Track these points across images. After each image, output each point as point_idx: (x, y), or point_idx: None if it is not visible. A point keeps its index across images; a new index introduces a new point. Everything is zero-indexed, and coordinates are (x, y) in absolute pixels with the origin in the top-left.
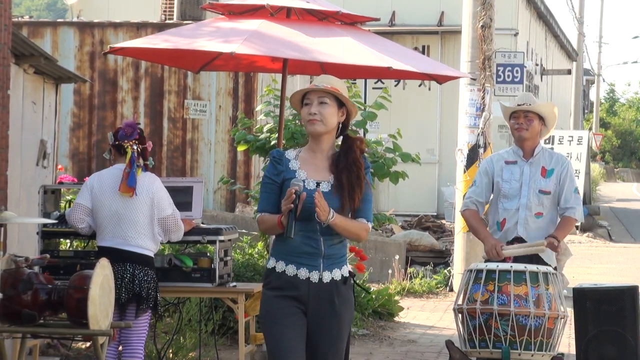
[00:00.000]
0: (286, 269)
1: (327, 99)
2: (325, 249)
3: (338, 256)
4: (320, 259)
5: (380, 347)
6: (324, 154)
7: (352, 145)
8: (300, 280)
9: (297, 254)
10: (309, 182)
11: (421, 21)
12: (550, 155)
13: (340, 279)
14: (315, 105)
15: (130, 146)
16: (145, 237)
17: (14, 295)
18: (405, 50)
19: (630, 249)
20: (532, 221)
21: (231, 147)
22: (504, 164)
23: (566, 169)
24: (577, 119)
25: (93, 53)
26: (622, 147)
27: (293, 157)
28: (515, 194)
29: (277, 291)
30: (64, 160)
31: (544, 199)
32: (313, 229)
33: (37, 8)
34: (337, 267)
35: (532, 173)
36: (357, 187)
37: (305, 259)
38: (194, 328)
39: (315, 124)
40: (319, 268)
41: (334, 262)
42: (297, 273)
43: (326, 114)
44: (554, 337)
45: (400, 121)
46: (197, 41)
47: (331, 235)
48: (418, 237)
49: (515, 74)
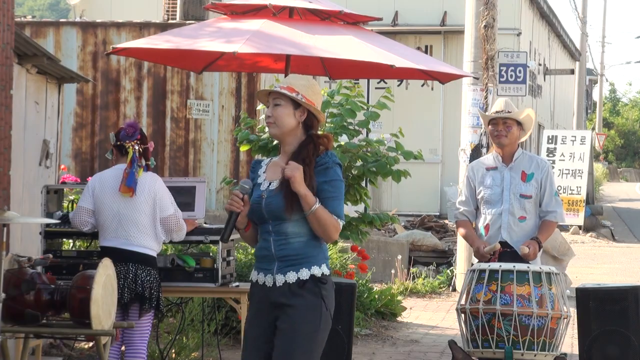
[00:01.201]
0: (253, 277)
1: (281, 100)
2: (275, 250)
3: (296, 257)
4: (274, 261)
5: (383, 347)
6: (287, 155)
7: (307, 144)
8: (259, 286)
9: (258, 259)
10: (264, 184)
11: (424, 21)
12: (530, 159)
13: (296, 282)
14: (270, 108)
15: (131, 146)
16: (147, 237)
17: (17, 295)
18: (408, 49)
19: (633, 249)
20: (516, 225)
21: (234, 147)
22: (485, 170)
23: (546, 173)
24: (580, 119)
25: (96, 53)
26: (625, 146)
27: (266, 163)
28: (497, 199)
29: (250, 304)
30: (67, 160)
31: (526, 203)
32: (266, 230)
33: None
34: (292, 270)
35: (512, 178)
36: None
37: (262, 264)
38: (197, 328)
39: (270, 126)
40: (272, 271)
41: (289, 264)
42: (257, 279)
43: (278, 116)
44: (557, 337)
45: (403, 121)
46: (199, 41)
47: (285, 234)
48: (421, 237)
49: (518, 74)
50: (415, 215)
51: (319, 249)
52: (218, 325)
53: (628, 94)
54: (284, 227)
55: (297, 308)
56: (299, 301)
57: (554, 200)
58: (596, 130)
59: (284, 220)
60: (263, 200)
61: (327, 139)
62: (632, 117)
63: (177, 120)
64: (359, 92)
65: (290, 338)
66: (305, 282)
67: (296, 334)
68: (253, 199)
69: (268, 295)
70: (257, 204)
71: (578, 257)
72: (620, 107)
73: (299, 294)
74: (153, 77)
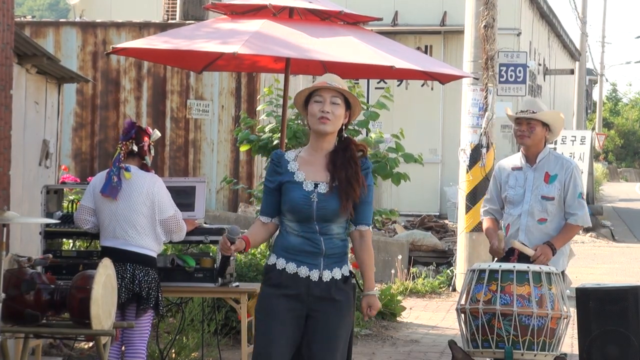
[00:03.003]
0: (286, 267)
1: (339, 100)
2: (325, 248)
3: (339, 255)
4: (320, 257)
5: (383, 347)
6: (324, 152)
7: (349, 144)
8: (300, 278)
9: (297, 251)
10: (306, 184)
11: (424, 21)
12: (555, 159)
13: (341, 278)
14: (329, 104)
15: (120, 148)
16: (146, 237)
17: (17, 295)
18: (408, 50)
19: (633, 249)
20: (535, 227)
21: (234, 147)
22: (510, 170)
23: (570, 174)
24: (580, 119)
25: (95, 53)
26: (625, 146)
27: (292, 158)
28: (519, 200)
29: (276, 288)
30: (67, 160)
31: (548, 205)
32: (312, 230)
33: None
34: (337, 266)
35: (535, 179)
36: (355, 183)
37: (305, 257)
38: (197, 328)
39: (327, 123)
40: (319, 267)
41: (334, 261)
42: (297, 271)
43: (337, 115)
44: (557, 337)
45: (403, 121)
46: (198, 42)
47: (331, 234)
48: (421, 237)
49: (518, 74)
50: (415, 215)
51: (348, 247)
52: (218, 325)
53: (628, 94)
54: (330, 228)
55: (343, 301)
56: (344, 295)
57: (576, 202)
58: (596, 130)
59: (332, 222)
60: (314, 204)
61: (364, 145)
62: (632, 117)
63: (177, 120)
64: (359, 93)
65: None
66: (347, 278)
67: (341, 324)
68: (298, 199)
69: (310, 287)
70: (305, 205)
71: (578, 257)
72: (621, 107)
73: (343, 289)
74: (153, 77)
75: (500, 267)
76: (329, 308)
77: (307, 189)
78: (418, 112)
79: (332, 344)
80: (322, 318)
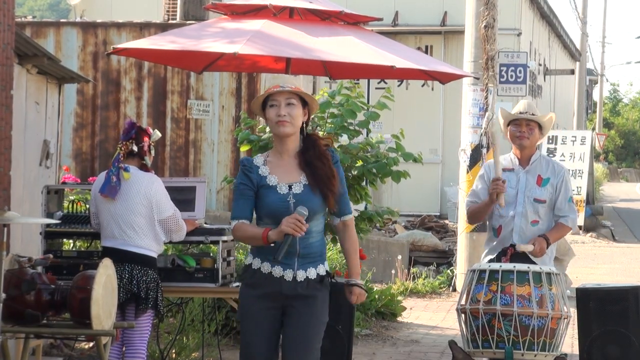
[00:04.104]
0: (261, 267)
1: (294, 100)
2: (300, 248)
3: (315, 255)
4: (295, 257)
5: (383, 347)
6: (290, 154)
7: (315, 141)
8: (274, 278)
9: (271, 252)
10: (280, 187)
11: (424, 21)
12: (547, 163)
13: (316, 278)
14: (284, 107)
15: (119, 148)
16: (145, 238)
17: (17, 296)
18: (408, 49)
19: (633, 249)
20: (528, 229)
21: (234, 147)
22: (501, 170)
23: (562, 178)
24: (580, 119)
25: (96, 53)
26: (625, 147)
27: (261, 162)
28: (511, 201)
29: (252, 288)
30: (67, 161)
31: (539, 208)
32: None
33: (40, 8)
34: (312, 266)
35: (527, 181)
36: (331, 177)
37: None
38: (197, 328)
39: (286, 125)
40: (293, 267)
41: (309, 261)
42: (271, 271)
43: (294, 115)
44: (557, 337)
45: (403, 121)
46: (199, 42)
47: (308, 234)
48: (421, 237)
49: (518, 74)
50: (416, 215)
51: (325, 245)
52: (218, 326)
53: (629, 94)
54: (309, 227)
55: (316, 299)
56: (317, 293)
57: (567, 206)
58: (596, 130)
59: (310, 220)
60: (291, 204)
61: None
62: (632, 117)
63: (178, 120)
64: (359, 93)
65: (307, 324)
66: (323, 277)
67: (314, 321)
68: (275, 203)
69: (283, 286)
70: (283, 208)
71: (578, 257)
72: (621, 107)
73: (318, 288)
74: (153, 77)
75: (501, 268)
76: (302, 304)
77: (282, 191)
78: (418, 112)
79: (309, 343)
80: (298, 318)
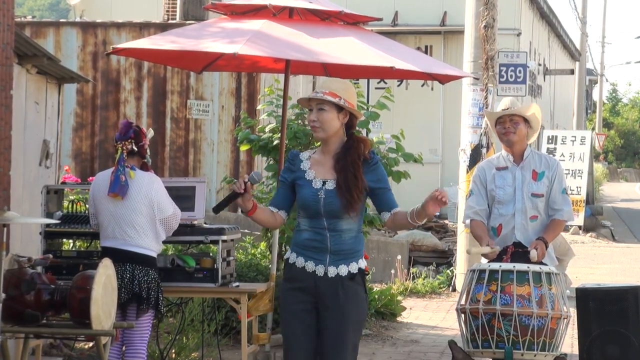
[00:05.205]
0: (296, 261)
1: (325, 106)
2: (331, 244)
3: (346, 252)
4: (327, 254)
5: (383, 347)
6: (331, 153)
7: (351, 147)
8: (307, 273)
9: (305, 247)
10: (315, 182)
11: (424, 21)
12: (539, 157)
13: (347, 275)
14: (315, 113)
15: (121, 147)
16: (145, 237)
17: (17, 296)
18: (408, 50)
19: (633, 249)
20: (528, 225)
21: (234, 147)
22: (495, 170)
23: (555, 171)
24: (580, 119)
25: (96, 53)
26: (625, 147)
27: (306, 157)
28: (510, 199)
29: (289, 282)
30: (67, 161)
31: (538, 202)
32: (320, 226)
33: (39, 8)
34: (344, 263)
35: (523, 177)
36: (353, 187)
37: (312, 253)
38: (197, 328)
39: (316, 130)
40: (325, 262)
41: (341, 257)
42: (304, 265)
43: (324, 120)
44: (557, 337)
45: (403, 121)
46: (198, 42)
47: (339, 231)
48: (421, 237)
49: (518, 74)
50: None
51: (362, 243)
52: (218, 326)
53: (628, 94)
54: (339, 225)
55: (347, 297)
56: (349, 291)
57: (561, 198)
58: (596, 130)
59: (340, 218)
60: (322, 199)
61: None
62: (632, 117)
63: (177, 120)
64: (359, 93)
65: (340, 322)
66: (354, 274)
67: (346, 320)
68: (308, 195)
69: (317, 282)
70: (313, 201)
71: (578, 257)
72: (620, 107)
73: (349, 285)
74: (153, 77)
75: (501, 267)
76: (334, 304)
77: (316, 186)
78: (418, 112)
79: (341, 339)
80: (328, 314)
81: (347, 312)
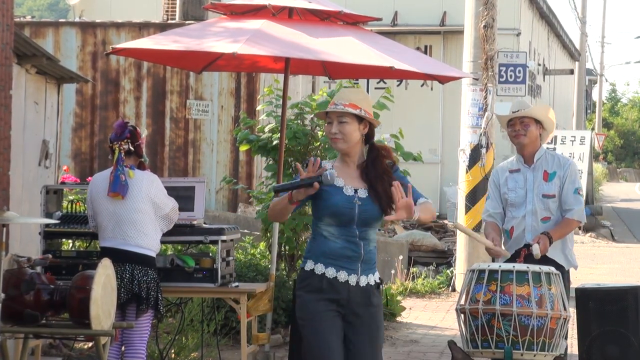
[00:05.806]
0: (326, 272)
1: (346, 118)
2: (364, 253)
3: (372, 261)
4: (359, 262)
5: (383, 347)
6: (354, 164)
7: (377, 156)
8: (339, 283)
9: (337, 256)
10: (347, 189)
11: (423, 21)
12: (552, 157)
13: (374, 284)
14: (336, 125)
15: (118, 147)
16: (145, 237)
17: (17, 296)
18: (407, 50)
19: (633, 249)
20: (540, 226)
21: (233, 147)
22: (508, 173)
23: (567, 171)
24: (579, 119)
25: (95, 53)
26: (624, 147)
27: (329, 167)
28: (522, 201)
29: (317, 294)
30: (66, 161)
31: (549, 203)
32: (352, 234)
33: (39, 8)
34: (371, 272)
35: (535, 178)
36: (390, 195)
37: (344, 262)
38: (196, 328)
39: (338, 142)
40: (357, 272)
41: (369, 267)
42: (336, 275)
43: (346, 132)
44: (557, 337)
45: (403, 121)
46: (198, 42)
47: (368, 239)
48: (420, 237)
49: (518, 74)
50: None
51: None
52: (217, 326)
53: (627, 94)
54: (369, 233)
55: (377, 307)
56: (377, 301)
57: (572, 198)
58: (596, 130)
59: (371, 227)
60: (357, 206)
61: (386, 150)
62: (631, 117)
63: (177, 120)
64: None
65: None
66: (379, 285)
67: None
68: (341, 202)
69: (350, 292)
70: (347, 209)
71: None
72: (620, 107)
73: (377, 295)
74: (152, 77)
75: (500, 268)
76: (368, 313)
77: (348, 193)
78: (418, 112)
79: (376, 346)
80: (363, 323)
81: (378, 321)
